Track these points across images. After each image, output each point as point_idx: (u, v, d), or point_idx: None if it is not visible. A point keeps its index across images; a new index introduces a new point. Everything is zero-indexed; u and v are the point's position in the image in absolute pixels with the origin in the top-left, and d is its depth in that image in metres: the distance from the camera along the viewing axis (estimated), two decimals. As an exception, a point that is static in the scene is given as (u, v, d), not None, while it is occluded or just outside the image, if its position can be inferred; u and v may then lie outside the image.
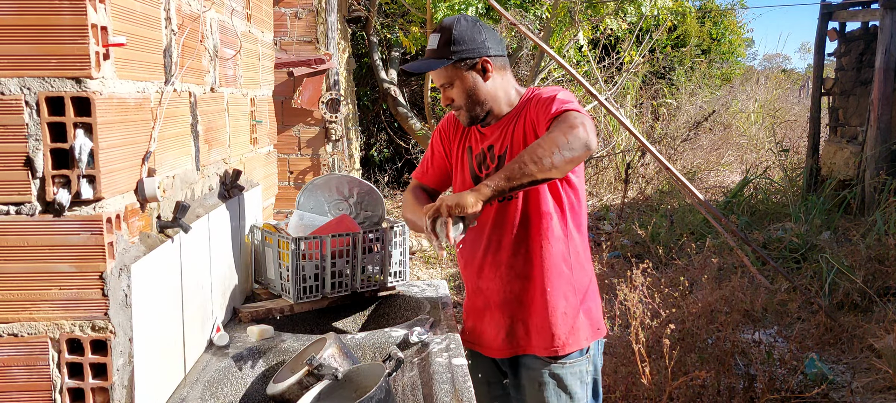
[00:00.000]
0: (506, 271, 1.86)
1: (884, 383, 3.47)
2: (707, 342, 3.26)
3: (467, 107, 1.84)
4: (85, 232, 1.27)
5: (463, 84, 1.81)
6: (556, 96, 1.75)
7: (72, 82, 1.22)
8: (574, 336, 1.86)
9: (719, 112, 9.93)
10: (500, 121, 1.88)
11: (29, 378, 1.30)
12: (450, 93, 1.84)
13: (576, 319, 1.86)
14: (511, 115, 1.86)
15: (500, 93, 1.85)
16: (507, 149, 1.83)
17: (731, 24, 11.85)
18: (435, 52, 1.81)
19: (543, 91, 1.82)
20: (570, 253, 1.86)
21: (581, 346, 1.87)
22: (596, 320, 1.93)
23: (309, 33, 3.20)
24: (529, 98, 1.85)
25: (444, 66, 1.79)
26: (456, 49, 1.79)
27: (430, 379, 1.69)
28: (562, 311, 1.85)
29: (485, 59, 1.81)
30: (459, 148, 1.98)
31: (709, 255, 4.12)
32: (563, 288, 1.85)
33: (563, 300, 1.85)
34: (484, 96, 1.83)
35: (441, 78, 1.83)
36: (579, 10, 6.49)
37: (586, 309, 1.89)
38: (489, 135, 1.90)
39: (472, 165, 1.93)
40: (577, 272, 1.88)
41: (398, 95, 7.15)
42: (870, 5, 7.00)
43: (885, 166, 6.34)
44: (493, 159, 1.88)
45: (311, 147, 3.28)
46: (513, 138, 1.83)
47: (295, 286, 2.09)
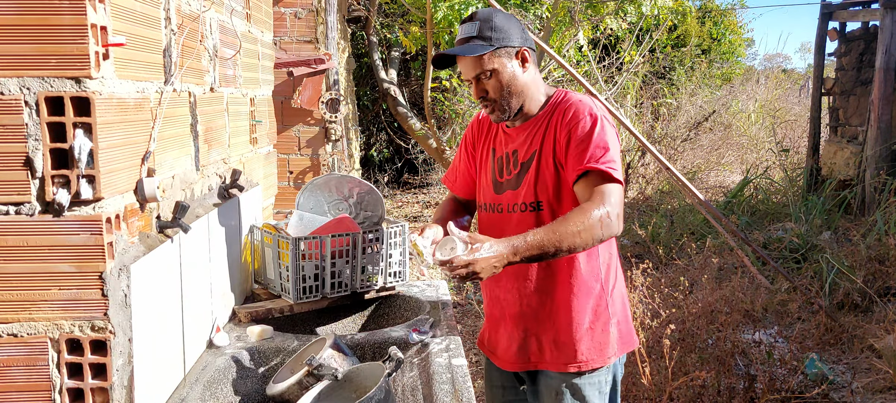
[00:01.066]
0: (525, 284, 1.77)
1: (884, 383, 3.47)
2: (707, 342, 3.26)
3: (502, 100, 1.72)
4: (84, 232, 1.26)
5: (502, 73, 1.70)
6: (594, 134, 1.64)
7: (71, 82, 1.22)
8: (600, 352, 1.77)
9: (719, 112, 9.93)
10: (526, 123, 1.78)
11: (28, 378, 1.30)
12: (485, 84, 1.72)
13: (605, 335, 1.77)
14: (539, 119, 1.76)
15: (533, 87, 1.76)
16: (534, 157, 1.73)
17: (732, 23, 11.84)
18: (474, 38, 1.69)
19: (576, 107, 1.70)
20: (601, 267, 1.77)
21: (606, 363, 1.78)
22: (625, 333, 1.83)
23: (309, 33, 3.20)
24: (559, 105, 1.74)
25: (487, 53, 1.67)
26: (498, 35, 1.68)
27: (430, 380, 1.68)
28: (587, 328, 1.75)
29: (524, 49, 1.72)
30: (484, 149, 1.89)
31: (709, 255, 4.11)
32: (592, 304, 1.75)
33: (590, 316, 1.75)
34: (520, 88, 1.73)
35: (477, 68, 1.70)
36: (579, 9, 6.49)
37: (617, 323, 1.80)
38: (515, 137, 1.80)
39: (494, 169, 1.84)
40: (608, 286, 1.78)
41: (398, 95, 7.15)
42: (870, 5, 7.00)
43: (885, 166, 6.33)
44: (516, 165, 1.78)
45: (310, 147, 3.28)
46: (541, 151, 1.72)
47: (294, 286, 2.09)
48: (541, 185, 1.72)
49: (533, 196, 1.73)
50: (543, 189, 1.72)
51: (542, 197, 1.72)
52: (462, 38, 1.73)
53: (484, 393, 2.04)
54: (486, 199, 1.86)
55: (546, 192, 1.72)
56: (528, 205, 1.74)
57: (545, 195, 1.72)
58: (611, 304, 1.78)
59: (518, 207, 1.76)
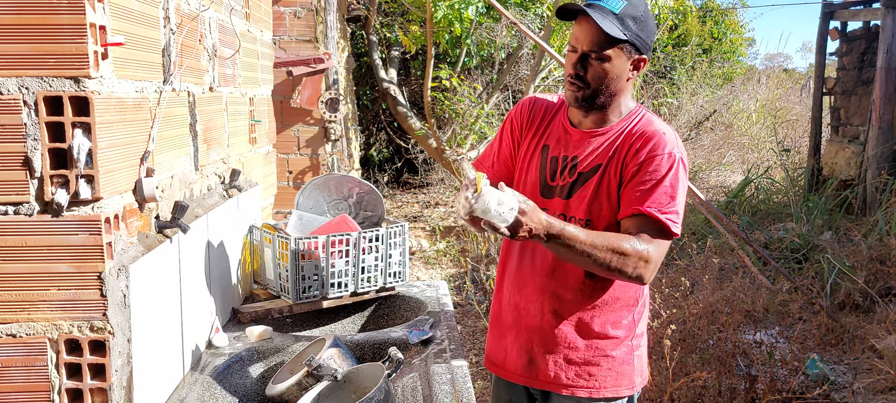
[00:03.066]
0: (550, 301, 1.64)
1: (885, 383, 3.46)
2: (708, 343, 3.25)
3: (596, 90, 1.55)
4: (83, 232, 1.26)
5: (613, 66, 1.53)
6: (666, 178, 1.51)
7: (70, 82, 1.22)
8: (618, 381, 1.65)
9: (720, 111, 9.92)
10: (595, 131, 1.62)
11: (27, 378, 1.30)
12: (592, 63, 1.53)
13: (628, 365, 1.66)
14: (610, 132, 1.60)
15: (625, 96, 1.61)
16: (596, 171, 1.58)
17: (733, 23, 11.83)
18: (614, 15, 1.50)
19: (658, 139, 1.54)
20: (639, 298, 1.66)
21: (621, 395, 1.66)
22: (644, 366, 1.72)
23: (308, 32, 3.20)
24: (637, 125, 1.59)
25: (616, 37, 1.49)
26: (636, 30, 1.52)
27: (430, 380, 1.68)
28: (608, 354, 1.64)
29: (645, 58, 1.57)
30: (534, 142, 1.70)
31: (710, 256, 4.11)
32: (621, 332, 1.64)
33: (614, 343, 1.64)
34: (618, 90, 1.57)
35: (595, 44, 1.51)
36: (580, 9, 6.47)
37: (639, 356, 1.69)
38: (577, 141, 1.63)
39: (544, 168, 1.66)
40: (640, 318, 1.68)
41: (398, 95, 7.14)
42: (871, 4, 6.99)
43: (886, 166, 6.33)
44: (572, 173, 1.62)
45: (310, 146, 3.28)
46: (606, 168, 1.58)
47: (294, 286, 2.08)
48: (596, 205, 1.58)
49: (585, 212, 1.59)
50: (598, 209, 1.58)
51: (593, 215, 1.58)
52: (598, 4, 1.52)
53: (483, 393, 2.03)
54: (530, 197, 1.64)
55: (600, 213, 1.58)
56: (578, 220, 1.59)
57: (598, 215, 1.58)
58: (637, 336, 1.68)
59: (564, 217, 1.60)
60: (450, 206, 7.82)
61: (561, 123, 1.67)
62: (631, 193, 1.53)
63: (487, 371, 1.90)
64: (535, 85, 6.74)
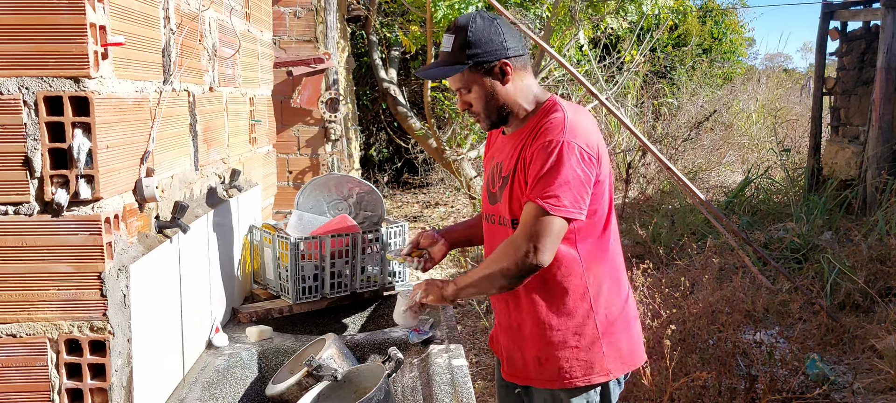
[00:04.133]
0: (510, 299, 1.75)
1: (885, 383, 3.46)
2: (708, 342, 3.25)
3: (486, 113, 1.71)
4: (83, 232, 1.26)
5: (481, 89, 1.68)
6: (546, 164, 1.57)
7: (70, 82, 1.22)
8: (588, 370, 1.70)
9: (720, 111, 9.92)
10: (515, 132, 1.73)
11: (27, 378, 1.30)
12: (467, 97, 1.71)
13: (593, 353, 1.70)
14: (525, 130, 1.70)
15: (520, 96, 1.70)
16: (512, 172, 1.69)
17: (733, 23, 11.84)
18: (449, 56, 1.67)
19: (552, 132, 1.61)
20: (589, 286, 1.70)
21: (593, 382, 1.70)
22: (626, 350, 1.74)
23: (308, 32, 3.20)
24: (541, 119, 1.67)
25: (462, 72, 1.65)
26: (472, 52, 1.64)
27: (430, 380, 1.68)
28: (572, 346, 1.69)
29: (504, 62, 1.66)
30: (491, 153, 1.88)
31: (710, 255, 4.11)
32: (576, 322, 1.69)
33: (573, 334, 1.69)
34: (503, 101, 1.69)
35: (457, 82, 1.69)
36: (580, 8, 6.49)
37: (611, 342, 1.71)
38: (503, 148, 1.77)
39: (490, 178, 1.81)
40: (598, 305, 1.70)
41: (398, 95, 7.15)
42: (871, 4, 6.99)
43: (886, 166, 6.33)
44: (500, 178, 1.75)
45: (310, 146, 3.28)
46: (516, 168, 1.67)
47: (294, 286, 2.08)
48: (515, 202, 1.67)
49: (509, 212, 1.69)
50: (517, 205, 1.67)
51: (516, 213, 1.66)
52: (442, 52, 1.71)
53: (483, 393, 2.04)
54: (484, 210, 1.85)
55: (521, 209, 1.65)
56: (506, 221, 1.71)
57: (520, 211, 1.65)
58: (601, 323, 1.70)
59: (501, 220, 1.73)
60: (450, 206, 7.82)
61: (500, 136, 1.83)
62: (527, 186, 1.64)
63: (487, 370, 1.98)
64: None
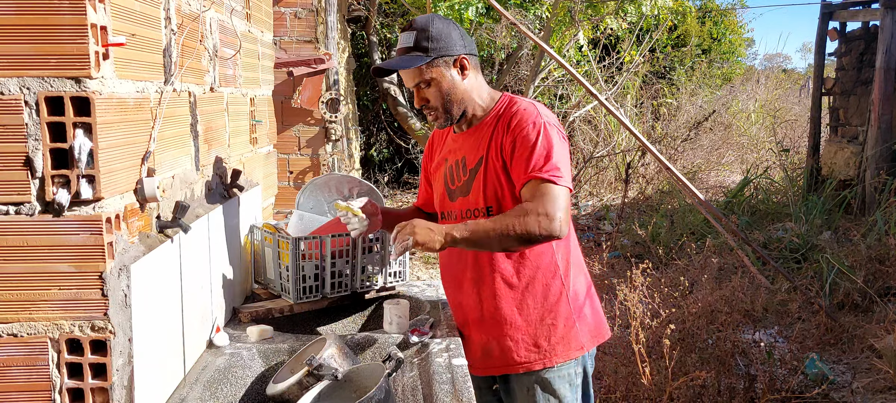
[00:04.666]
0: (483, 289, 1.81)
1: (884, 383, 3.47)
2: (707, 342, 3.26)
3: (444, 108, 1.77)
4: (84, 232, 1.26)
5: (441, 82, 1.74)
6: (537, 143, 1.66)
7: (71, 82, 1.22)
8: (566, 346, 1.79)
9: (720, 112, 9.93)
10: (473, 129, 1.82)
11: (28, 378, 1.30)
12: (425, 93, 1.76)
13: (569, 329, 1.79)
14: (486, 124, 1.79)
15: (475, 93, 1.79)
16: (481, 162, 1.76)
17: (732, 23, 11.85)
18: (411, 49, 1.73)
19: (522, 115, 1.72)
20: (559, 264, 1.79)
21: (572, 356, 1.80)
22: (593, 325, 1.85)
23: (309, 33, 3.20)
24: (505, 111, 1.76)
25: (423, 64, 1.71)
26: (434, 46, 1.71)
27: (430, 380, 1.68)
28: (549, 324, 1.78)
29: (463, 57, 1.75)
30: (437, 164, 1.94)
31: (709, 255, 4.11)
32: (551, 300, 1.78)
33: (550, 312, 1.78)
34: (461, 95, 1.76)
35: (416, 77, 1.74)
36: (579, 9, 6.49)
37: (582, 317, 1.82)
38: (462, 143, 1.84)
39: (446, 178, 1.88)
40: (568, 282, 1.80)
41: (398, 95, 7.15)
42: (870, 5, 7.00)
43: (885, 166, 6.33)
44: (465, 172, 1.81)
45: (310, 147, 3.28)
46: (487, 156, 1.75)
47: (295, 286, 2.09)
48: (489, 190, 1.75)
49: (483, 201, 1.76)
50: (493, 193, 1.74)
51: (491, 201, 1.75)
52: (401, 48, 1.75)
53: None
54: (441, 207, 1.90)
55: (495, 196, 1.74)
56: (480, 211, 1.77)
57: (494, 199, 1.75)
58: (573, 299, 1.80)
59: (470, 212, 1.79)
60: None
61: (451, 137, 1.89)
62: (516, 170, 1.69)
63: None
64: (535, 85, 6.75)
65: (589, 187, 8.20)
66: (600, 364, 3.19)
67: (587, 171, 8.00)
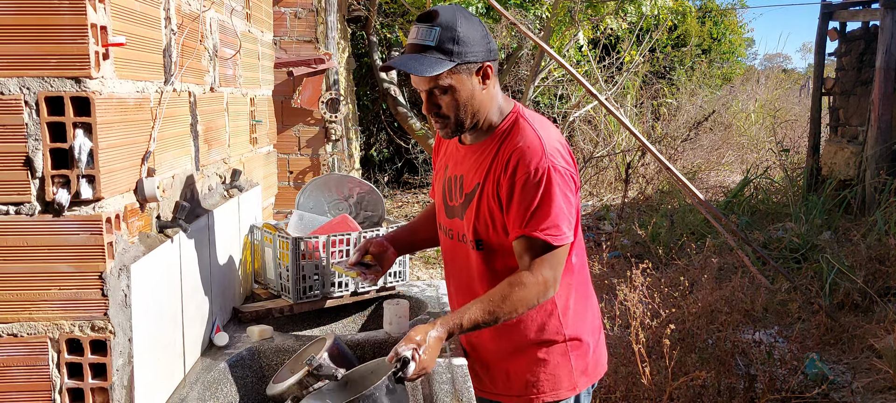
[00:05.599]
0: None
1: (884, 383, 3.47)
2: (707, 342, 3.26)
3: (457, 118, 1.56)
4: (84, 232, 1.26)
5: (460, 92, 1.52)
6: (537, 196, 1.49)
7: (71, 82, 1.22)
8: (555, 383, 1.66)
9: (719, 112, 9.93)
10: (477, 145, 1.63)
11: (28, 378, 1.30)
12: (439, 99, 1.53)
13: (562, 368, 1.66)
14: (488, 144, 1.61)
15: (492, 104, 1.59)
16: (476, 191, 1.60)
17: (732, 23, 11.85)
18: (433, 49, 1.48)
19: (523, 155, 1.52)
20: (555, 302, 1.65)
21: (561, 397, 1.66)
22: (590, 364, 1.70)
23: (309, 33, 3.20)
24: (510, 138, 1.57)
25: (445, 71, 1.48)
26: (459, 49, 1.48)
27: (430, 380, 1.68)
28: (540, 359, 1.65)
29: (487, 65, 1.54)
30: (441, 166, 1.78)
31: (709, 255, 4.11)
32: (544, 336, 1.65)
33: (542, 348, 1.65)
34: (478, 106, 1.56)
35: (432, 82, 1.51)
36: (579, 9, 6.49)
37: (579, 355, 1.67)
38: (463, 160, 1.67)
39: (444, 190, 1.72)
40: (566, 318, 1.66)
41: (398, 95, 7.15)
42: (870, 5, 7.00)
43: (885, 166, 6.33)
44: (461, 194, 1.65)
45: (310, 147, 3.28)
46: (483, 187, 1.58)
47: (295, 286, 2.09)
48: (481, 224, 1.60)
49: (473, 233, 1.61)
50: (484, 228, 1.60)
51: (482, 235, 1.61)
52: (418, 45, 1.50)
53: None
54: (441, 220, 1.76)
55: (486, 232, 1.60)
56: (470, 241, 1.63)
57: (485, 234, 1.60)
58: (570, 338, 1.66)
59: (462, 237, 1.66)
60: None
61: (455, 143, 1.71)
62: (513, 216, 1.53)
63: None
64: (535, 85, 6.75)
65: (589, 187, 8.20)
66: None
67: (587, 171, 8.00)
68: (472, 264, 1.66)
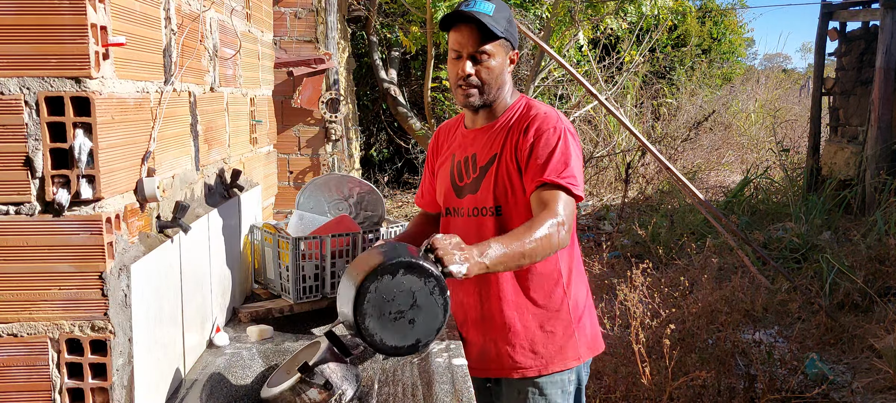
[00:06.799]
0: (486, 289, 1.78)
1: (884, 383, 3.47)
2: (707, 342, 3.26)
3: (487, 88, 1.73)
4: (84, 232, 1.26)
5: (496, 62, 1.72)
6: (556, 148, 1.65)
7: (71, 82, 1.22)
8: (562, 355, 1.77)
9: (719, 112, 9.94)
10: (486, 127, 1.80)
11: (28, 378, 1.30)
12: (483, 64, 1.71)
13: (567, 338, 1.77)
14: (501, 124, 1.78)
15: (507, 88, 1.80)
16: (493, 161, 1.75)
17: (732, 23, 11.85)
18: (490, 17, 1.67)
19: (542, 119, 1.72)
20: (562, 271, 1.77)
21: (568, 366, 1.78)
22: (591, 337, 1.84)
23: (309, 33, 3.20)
24: (522, 113, 1.77)
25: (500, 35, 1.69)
26: (508, 27, 1.72)
27: (430, 379, 1.68)
28: (548, 331, 1.76)
29: (517, 53, 1.79)
30: (444, 158, 1.91)
31: (709, 255, 4.12)
32: (552, 307, 1.76)
33: (550, 320, 1.76)
34: (501, 83, 1.76)
35: (480, 43, 1.69)
36: (579, 9, 6.49)
37: (581, 327, 1.80)
38: (473, 140, 1.82)
39: (453, 173, 1.85)
40: (570, 291, 1.78)
41: (398, 95, 7.15)
42: (870, 5, 7.00)
43: (885, 166, 6.33)
44: (475, 169, 1.80)
45: (310, 147, 3.28)
46: (501, 155, 1.74)
47: (295, 286, 2.09)
48: (499, 189, 1.73)
49: (492, 200, 1.74)
50: (502, 193, 1.73)
51: (501, 200, 1.73)
52: (472, 11, 1.67)
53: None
54: (447, 203, 1.87)
55: (505, 196, 1.72)
56: (488, 209, 1.75)
57: (504, 199, 1.73)
58: (573, 308, 1.77)
59: (478, 211, 1.77)
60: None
61: (460, 132, 1.87)
62: (531, 171, 1.67)
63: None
64: (535, 85, 6.75)
65: (589, 187, 8.20)
66: (600, 364, 3.19)
67: (587, 171, 8.00)
68: (487, 233, 1.73)
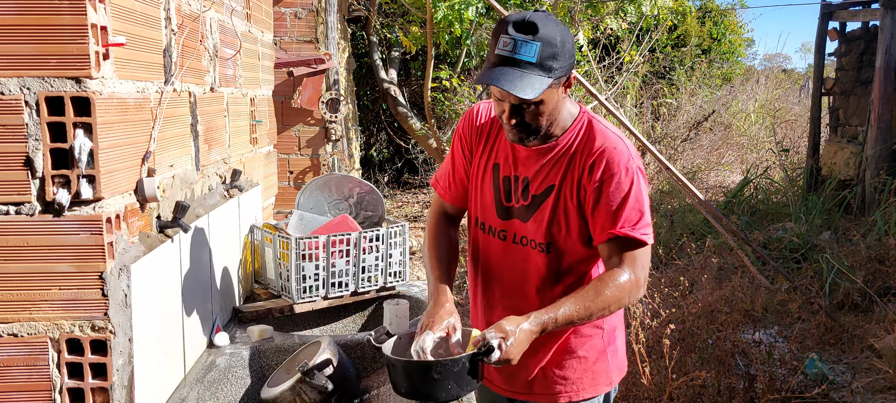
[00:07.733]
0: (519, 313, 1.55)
1: (884, 383, 3.47)
2: (707, 342, 3.26)
3: (537, 128, 1.49)
4: (84, 232, 1.26)
5: (548, 105, 1.46)
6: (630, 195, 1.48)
7: (71, 82, 1.22)
8: (594, 382, 1.67)
9: (719, 112, 9.93)
10: (542, 148, 1.55)
11: (29, 378, 1.30)
12: (526, 112, 1.46)
13: (601, 364, 1.67)
14: (558, 149, 1.55)
15: (564, 112, 1.54)
16: (550, 193, 1.55)
17: (732, 23, 11.84)
18: (533, 66, 1.39)
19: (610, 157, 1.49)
20: None
21: (598, 392, 1.67)
22: (621, 360, 1.73)
23: (309, 33, 3.20)
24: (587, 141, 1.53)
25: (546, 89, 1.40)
26: (559, 64, 1.41)
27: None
28: (582, 357, 1.65)
29: (574, 75, 1.49)
30: (484, 157, 1.66)
31: (709, 255, 4.11)
32: (582, 333, 1.64)
33: (586, 346, 1.65)
34: (557, 115, 1.51)
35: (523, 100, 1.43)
36: (579, 9, 6.49)
37: (614, 352, 1.69)
38: (525, 161, 1.58)
39: (498, 190, 1.62)
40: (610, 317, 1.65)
41: (398, 95, 7.15)
42: (870, 5, 7.00)
43: (885, 166, 6.33)
44: (526, 196, 1.58)
45: (310, 147, 3.28)
46: (559, 190, 1.54)
47: (295, 286, 2.09)
48: (555, 227, 1.56)
49: (544, 236, 1.57)
50: (557, 231, 1.56)
51: (554, 238, 1.57)
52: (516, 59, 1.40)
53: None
54: (487, 220, 1.66)
55: (559, 234, 1.56)
56: (538, 245, 1.58)
57: (558, 236, 1.56)
58: (606, 334, 1.68)
59: (527, 241, 1.60)
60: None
61: (506, 142, 1.61)
62: (601, 217, 1.50)
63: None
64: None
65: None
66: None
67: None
68: (532, 267, 1.60)
